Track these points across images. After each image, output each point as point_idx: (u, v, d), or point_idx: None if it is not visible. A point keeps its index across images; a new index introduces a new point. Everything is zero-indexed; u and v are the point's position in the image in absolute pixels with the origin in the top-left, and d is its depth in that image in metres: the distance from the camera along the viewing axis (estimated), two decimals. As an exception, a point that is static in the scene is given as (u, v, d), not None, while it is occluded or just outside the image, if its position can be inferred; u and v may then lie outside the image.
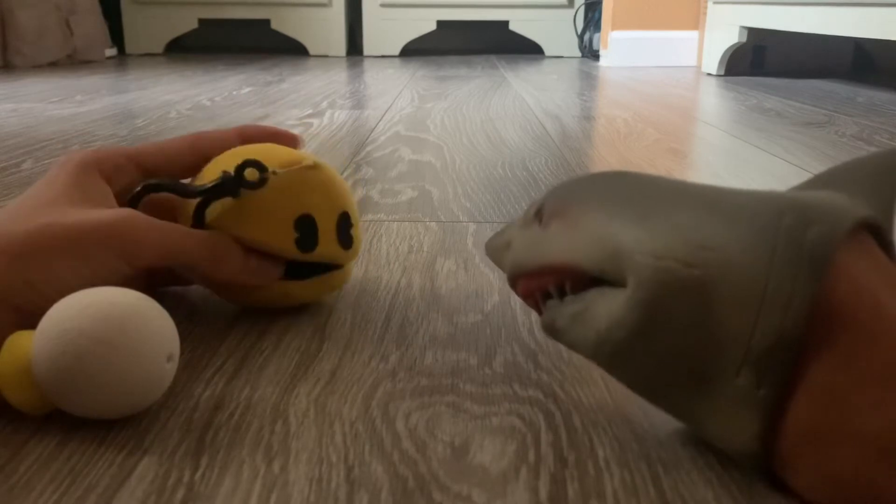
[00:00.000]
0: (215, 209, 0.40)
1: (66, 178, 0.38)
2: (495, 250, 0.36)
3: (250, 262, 0.40)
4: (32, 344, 0.30)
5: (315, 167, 0.41)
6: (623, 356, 0.28)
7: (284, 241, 0.40)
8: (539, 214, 0.33)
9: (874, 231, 0.28)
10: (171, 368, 0.32)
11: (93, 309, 0.30)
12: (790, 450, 0.26)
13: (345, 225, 0.42)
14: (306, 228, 0.40)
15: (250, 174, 0.39)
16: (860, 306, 0.25)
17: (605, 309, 0.29)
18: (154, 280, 0.45)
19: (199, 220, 0.40)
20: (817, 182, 0.31)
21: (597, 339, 0.29)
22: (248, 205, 0.40)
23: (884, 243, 0.28)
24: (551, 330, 0.32)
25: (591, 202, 0.30)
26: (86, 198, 0.37)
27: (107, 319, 0.30)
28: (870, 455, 0.24)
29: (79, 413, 0.31)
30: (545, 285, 0.32)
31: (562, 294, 0.31)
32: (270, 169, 0.40)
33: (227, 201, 0.40)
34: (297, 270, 0.42)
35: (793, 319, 0.25)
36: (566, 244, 0.30)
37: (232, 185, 0.39)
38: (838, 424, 0.25)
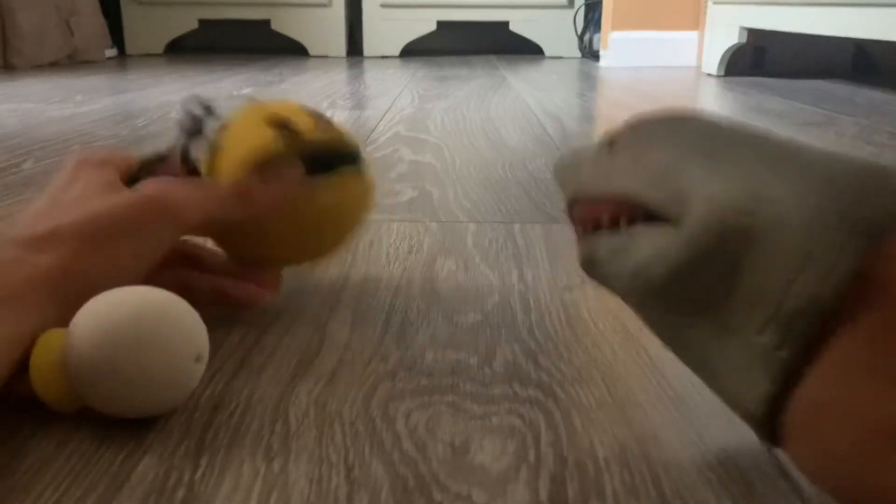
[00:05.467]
0: (198, 159, 0.42)
1: (94, 174, 0.38)
2: (563, 170, 0.35)
3: (267, 176, 0.40)
4: (65, 341, 0.31)
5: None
6: (654, 293, 0.28)
7: (269, 140, 0.41)
8: (612, 144, 0.32)
9: None
10: (199, 369, 0.32)
11: (126, 307, 0.30)
12: (796, 417, 0.25)
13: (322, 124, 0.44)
14: (283, 125, 0.42)
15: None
16: None
17: (650, 243, 0.28)
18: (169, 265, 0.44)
19: (187, 162, 0.41)
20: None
21: (634, 271, 0.29)
22: (223, 138, 0.42)
23: None
24: (589, 260, 0.31)
25: (663, 138, 0.30)
26: (116, 189, 0.38)
27: (139, 318, 0.30)
28: (872, 436, 0.23)
29: (108, 411, 0.31)
30: (600, 213, 0.31)
31: (613, 226, 0.31)
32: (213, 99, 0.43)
33: (204, 147, 0.42)
34: (316, 166, 0.42)
35: (830, 288, 0.24)
36: (631, 176, 0.30)
37: (196, 114, 0.42)
38: (848, 400, 0.24)
